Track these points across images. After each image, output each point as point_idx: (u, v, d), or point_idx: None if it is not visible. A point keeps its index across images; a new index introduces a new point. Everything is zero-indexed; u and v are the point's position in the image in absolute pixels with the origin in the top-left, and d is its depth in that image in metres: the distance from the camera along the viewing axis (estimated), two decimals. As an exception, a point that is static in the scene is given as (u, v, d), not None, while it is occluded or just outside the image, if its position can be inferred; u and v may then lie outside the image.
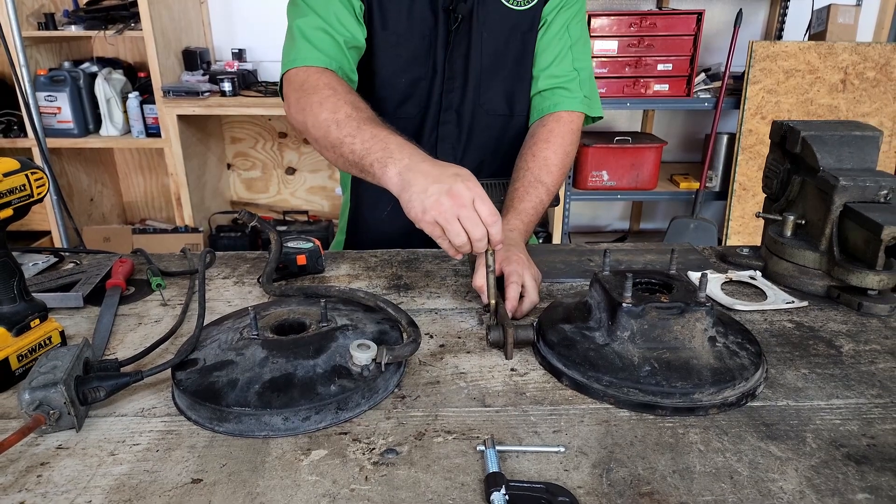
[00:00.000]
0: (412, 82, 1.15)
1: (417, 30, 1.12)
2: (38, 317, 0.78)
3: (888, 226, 0.82)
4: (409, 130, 1.14)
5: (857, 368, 0.76)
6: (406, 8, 1.10)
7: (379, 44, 1.13)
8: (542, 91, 1.17)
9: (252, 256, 1.14)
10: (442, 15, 1.11)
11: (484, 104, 1.18)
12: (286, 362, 0.70)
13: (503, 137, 1.21)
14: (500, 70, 1.16)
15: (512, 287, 0.86)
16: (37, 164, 0.77)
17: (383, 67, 1.14)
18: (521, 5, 1.13)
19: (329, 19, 1.06)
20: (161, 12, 2.77)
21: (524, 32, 1.14)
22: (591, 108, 1.18)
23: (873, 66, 2.64)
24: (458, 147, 1.20)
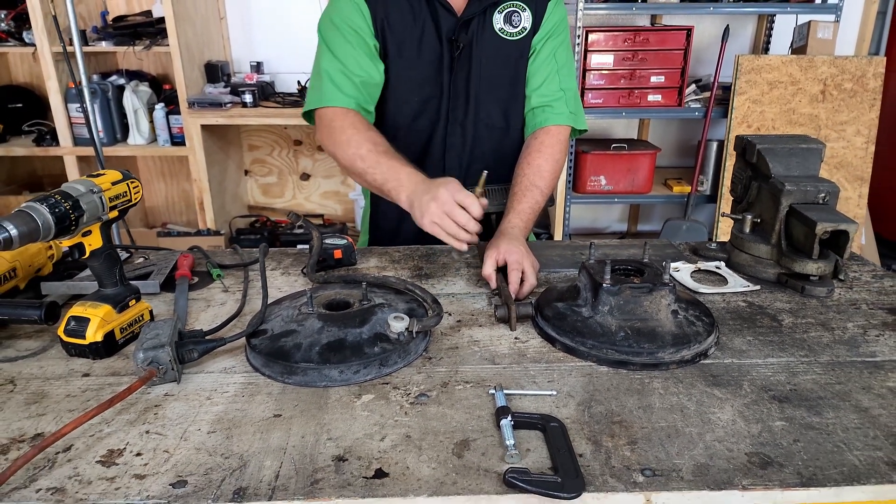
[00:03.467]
0: (424, 101, 1.34)
1: (427, 57, 1.31)
2: (133, 297, 0.97)
3: (821, 222, 1.00)
4: (421, 141, 1.35)
5: (792, 336, 0.95)
6: (417, 39, 1.30)
7: (395, 69, 1.32)
8: (534, 108, 1.35)
9: (293, 252, 1.34)
10: (447, 44, 1.30)
11: (483, 119, 1.36)
12: (338, 330, 0.89)
13: (502, 148, 1.40)
14: (496, 90, 1.35)
15: (513, 273, 1.05)
16: (133, 175, 0.96)
17: (399, 88, 1.34)
18: (513, 36, 1.32)
19: (348, 63, 1.27)
20: (186, 28, 2.97)
21: (516, 59, 1.33)
22: (577, 122, 1.37)
23: (850, 77, 2.83)
24: (463, 156, 1.39)
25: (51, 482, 0.66)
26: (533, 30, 1.32)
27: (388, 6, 1.28)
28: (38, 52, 2.92)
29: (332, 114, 1.26)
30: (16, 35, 3.05)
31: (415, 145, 1.37)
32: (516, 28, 1.31)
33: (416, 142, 1.37)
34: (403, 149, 1.27)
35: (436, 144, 1.37)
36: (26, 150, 3.15)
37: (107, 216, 0.89)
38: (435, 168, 1.37)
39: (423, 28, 1.29)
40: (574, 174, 3.16)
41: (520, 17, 1.30)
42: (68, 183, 0.86)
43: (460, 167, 1.38)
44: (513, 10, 1.30)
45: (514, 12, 1.30)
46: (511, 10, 1.30)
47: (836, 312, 1.03)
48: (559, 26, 1.34)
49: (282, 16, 3.36)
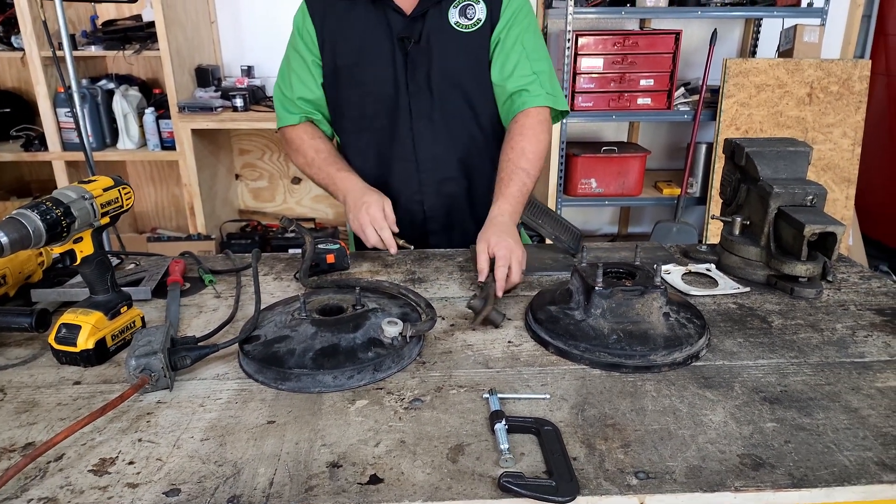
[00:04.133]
0: (382, 99, 1.37)
1: (379, 57, 1.34)
2: (125, 304, 0.96)
3: (809, 224, 1.02)
4: (389, 136, 1.40)
5: (782, 338, 0.96)
6: (367, 41, 1.34)
7: (349, 74, 1.37)
8: (511, 95, 1.36)
9: (285, 257, 1.33)
10: (397, 42, 1.33)
11: (451, 111, 1.37)
12: (332, 335, 0.89)
13: (473, 138, 1.41)
14: (458, 82, 1.36)
15: (500, 269, 1.06)
16: (125, 181, 0.96)
17: (357, 90, 1.38)
18: (468, 28, 1.34)
19: (288, 86, 1.42)
20: (176, 33, 2.96)
21: (475, 49, 1.35)
22: (556, 102, 1.37)
23: (836, 80, 2.86)
24: (437, 144, 1.39)
25: (42, 492, 0.65)
26: (490, 21, 1.34)
27: (335, 17, 1.35)
28: (27, 56, 2.90)
29: (288, 131, 1.46)
30: (4, 40, 3.03)
31: (383, 141, 1.41)
32: (471, 20, 1.33)
33: (384, 138, 1.41)
34: (374, 145, 1.42)
35: (404, 138, 1.39)
36: (14, 156, 3.12)
37: (98, 223, 0.89)
38: (408, 161, 1.40)
39: (372, 31, 1.34)
40: (565, 177, 3.18)
41: (474, 9, 1.33)
42: (59, 189, 0.85)
43: (434, 158, 1.40)
44: (467, 4, 1.33)
45: (469, 5, 1.33)
46: (465, 3, 1.33)
47: (825, 314, 1.04)
48: (520, 13, 1.35)
49: (272, 20, 3.35)
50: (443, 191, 1.43)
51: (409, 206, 1.43)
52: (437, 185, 1.42)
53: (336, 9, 1.36)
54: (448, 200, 1.44)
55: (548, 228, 1.23)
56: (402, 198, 1.42)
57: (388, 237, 1.22)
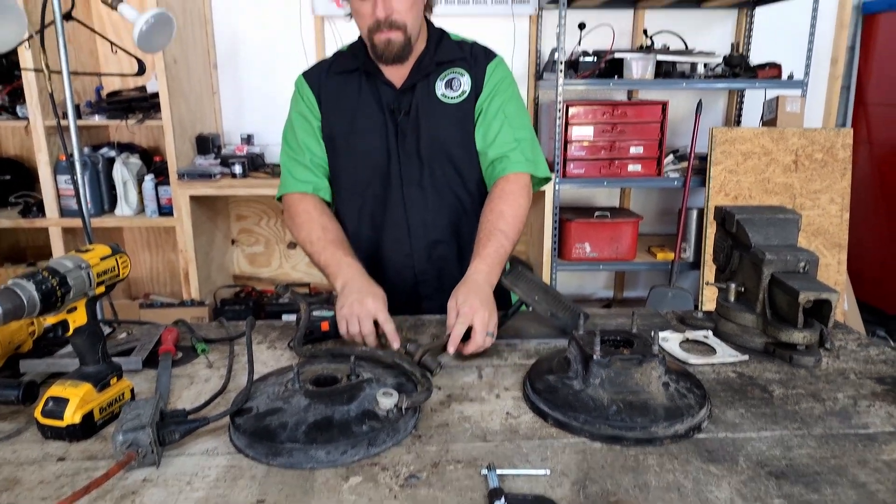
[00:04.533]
0: (374, 167, 1.41)
1: (371, 127, 1.39)
2: (115, 375, 0.94)
3: (803, 291, 1.02)
4: (380, 203, 1.43)
5: (784, 408, 0.94)
6: (360, 111, 1.39)
7: (343, 142, 1.41)
8: (493, 162, 1.40)
9: (279, 325, 1.32)
10: (389, 114, 1.38)
11: (440, 177, 1.41)
12: (325, 408, 0.87)
13: (462, 203, 1.44)
14: (446, 150, 1.40)
15: (458, 326, 1.07)
16: (122, 249, 0.96)
17: (350, 158, 1.42)
18: (454, 99, 1.39)
19: (297, 149, 1.43)
20: (180, 103, 3.05)
21: (461, 119, 1.40)
22: (537, 169, 1.41)
23: (820, 148, 2.95)
24: (426, 213, 1.42)
25: (18, 580, 0.62)
26: (474, 91, 1.39)
27: (331, 87, 1.41)
28: (31, 125, 2.96)
29: (291, 199, 1.43)
30: (9, 109, 3.10)
31: (376, 208, 1.44)
32: (457, 92, 1.39)
33: (376, 205, 1.44)
34: (368, 210, 1.43)
35: (395, 205, 1.42)
36: (11, 222, 3.13)
37: (93, 292, 0.88)
38: (400, 225, 1.42)
39: (365, 101, 1.39)
40: (559, 241, 3.21)
41: (459, 81, 1.39)
42: (56, 258, 0.85)
43: (424, 224, 1.43)
44: (452, 77, 1.39)
45: (454, 78, 1.39)
46: (451, 76, 1.39)
47: (826, 382, 1.03)
48: (502, 83, 1.41)
49: (272, 90, 3.46)
50: (433, 254, 1.44)
51: (401, 270, 1.45)
52: (428, 248, 1.44)
53: (331, 81, 1.42)
54: (439, 263, 1.45)
55: (543, 305, 1.22)
56: (393, 262, 1.44)
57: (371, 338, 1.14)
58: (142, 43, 1.64)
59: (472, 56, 1.41)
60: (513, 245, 1.29)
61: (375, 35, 1.29)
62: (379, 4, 1.25)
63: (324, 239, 1.33)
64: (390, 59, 1.33)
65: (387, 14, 1.26)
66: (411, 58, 1.36)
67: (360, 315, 1.13)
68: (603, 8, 3.32)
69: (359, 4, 1.29)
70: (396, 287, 1.40)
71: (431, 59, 1.39)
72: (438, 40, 1.41)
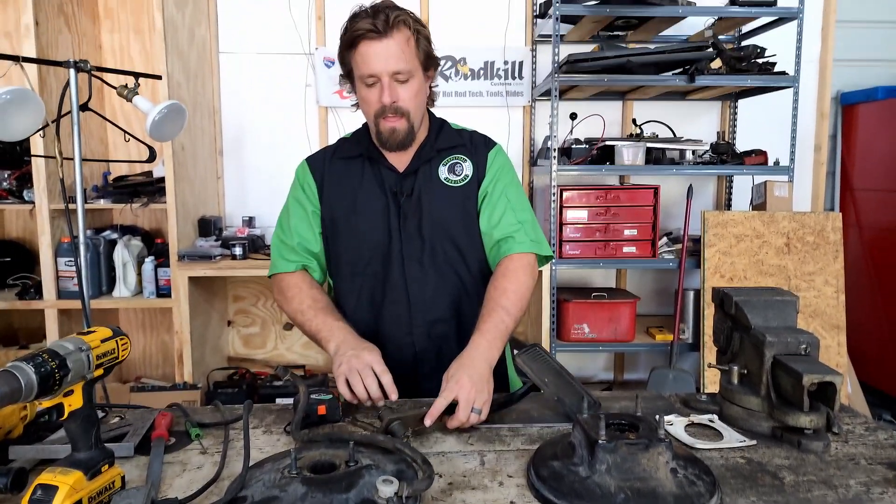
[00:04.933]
0: (375, 246, 1.45)
1: (373, 208, 1.44)
2: (107, 462, 0.91)
3: (807, 374, 1.02)
4: (380, 280, 1.45)
5: (797, 496, 0.91)
6: (362, 194, 1.45)
7: (345, 223, 1.46)
8: (497, 242, 1.44)
9: (275, 408, 1.30)
10: (391, 196, 1.44)
11: (440, 254, 1.44)
12: (323, 497, 0.84)
13: (466, 277, 1.47)
14: (447, 230, 1.44)
15: (438, 401, 1.11)
16: (123, 332, 0.96)
17: (349, 237, 1.46)
18: (457, 183, 1.45)
19: (288, 232, 1.49)
20: (184, 187, 3.12)
21: (463, 201, 1.45)
22: (540, 248, 1.45)
23: (811, 231, 3.01)
24: (427, 287, 1.44)
25: None
26: (476, 176, 1.46)
27: (334, 171, 1.48)
28: (36, 209, 3.02)
29: (281, 277, 1.49)
30: (16, 193, 3.17)
31: (376, 286, 1.46)
32: (459, 176, 1.46)
33: (376, 283, 1.46)
34: (367, 289, 1.45)
35: (396, 282, 1.44)
36: (7, 304, 3.12)
37: (91, 375, 0.87)
38: (400, 303, 1.44)
39: (368, 184, 1.45)
40: (558, 322, 3.20)
41: (462, 166, 1.46)
42: (57, 341, 0.85)
43: (425, 302, 1.44)
44: (455, 162, 1.46)
45: (457, 163, 1.46)
46: (453, 162, 1.46)
47: (836, 469, 1.01)
48: (503, 169, 1.48)
49: (274, 174, 3.55)
50: (433, 332, 1.44)
51: (400, 349, 1.44)
52: (428, 326, 1.44)
53: (334, 166, 1.49)
54: (438, 342, 1.45)
55: (551, 388, 1.20)
56: (393, 340, 1.44)
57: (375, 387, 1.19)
58: (154, 132, 1.71)
59: (473, 144, 1.49)
60: (515, 321, 1.31)
61: (381, 121, 1.37)
62: (385, 91, 1.33)
63: (314, 307, 1.38)
64: (394, 145, 1.40)
65: (392, 100, 1.34)
66: (413, 145, 1.44)
67: (359, 368, 1.16)
68: (593, 99, 3.49)
69: (366, 92, 1.36)
70: (395, 365, 1.36)
71: (433, 146, 1.46)
72: (439, 129, 1.50)
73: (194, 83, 3.25)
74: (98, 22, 3.43)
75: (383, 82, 1.33)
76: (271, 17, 3.45)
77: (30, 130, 1.56)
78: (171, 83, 2.95)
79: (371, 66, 1.32)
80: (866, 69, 3.79)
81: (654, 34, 3.38)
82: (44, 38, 2.94)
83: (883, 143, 3.59)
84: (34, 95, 1.55)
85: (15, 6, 3.21)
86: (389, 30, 1.30)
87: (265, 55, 3.50)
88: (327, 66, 3.44)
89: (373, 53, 1.31)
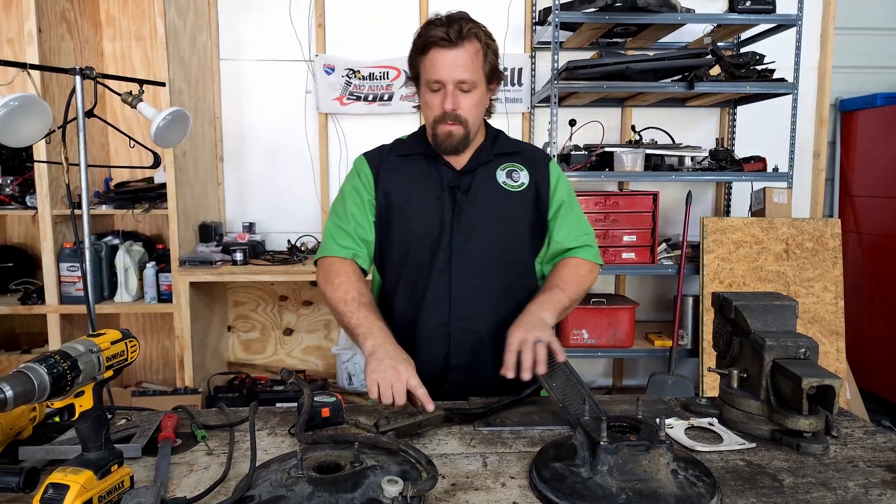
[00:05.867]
0: (423, 236, 1.48)
1: (426, 199, 1.49)
2: (116, 462, 0.93)
3: (806, 378, 1.03)
4: (423, 269, 1.47)
5: (796, 497, 0.93)
6: (419, 186, 1.49)
7: (394, 211, 1.49)
8: (567, 250, 1.52)
9: (280, 411, 1.31)
10: (448, 190, 1.47)
11: (488, 251, 1.47)
12: (329, 496, 0.85)
13: (513, 277, 1.51)
14: (502, 229, 1.49)
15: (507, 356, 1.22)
16: (133, 335, 0.97)
17: (400, 226, 1.49)
18: (514, 188, 1.50)
19: (344, 217, 1.51)
20: (185, 193, 3.14)
21: (517, 205, 1.50)
22: (597, 258, 1.56)
23: (810, 238, 3.03)
24: (471, 281, 1.46)
25: None
26: (533, 185, 1.51)
27: (391, 164, 1.52)
28: (39, 214, 3.03)
29: (330, 261, 1.48)
30: (19, 199, 3.18)
31: (420, 273, 1.48)
32: (516, 182, 1.51)
33: (421, 271, 1.48)
34: (411, 276, 1.48)
35: (441, 272, 1.46)
36: (9, 309, 3.13)
37: (102, 376, 0.89)
38: (442, 294, 1.46)
39: (424, 177, 1.50)
40: (557, 327, 3.21)
41: (518, 174, 1.52)
42: (68, 343, 0.86)
43: (466, 294, 1.46)
44: (512, 169, 1.52)
45: (514, 171, 1.52)
46: (511, 169, 1.52)
47: (835, 471, 1.02)
48: (564, 181, 1.56)
49: (274, 180, 3.58)
50: (470, 326, 1.46)
51: (436, 339, 1.46)
52: (466, 320, 1.46)
53: (391, 160, 1.54)
54: (474, 337, 1.47)
55: (557, 395, 1.21)
56: (429, 330, 1.47)
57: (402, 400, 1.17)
58: (158, 138, 1.73)
59: (530, 155, 1.56)
60: (570, 300, 1.43)
61: (439, 126, 1.43)
62: (448, 99, 1.39)
63: (358, 300, 1.38)
64: (448, 149, 1.46)
65: (453, 108, 1.40)
66: (469, 150, 1.50)
67: (394, 381, 1.17)
68: (592, 106, 3.52)
69: (430, 97, 1.43)
70: (428, 355, 1.44)
71: (489, 150, 1.52)
72: (496, 136, 1.57)
73: (195, 90, 3.28)
74: (100, 29, 3.45)
75: (447, 89, 1.39)
76: (272, 25, 3.48)
77: (36, 137, 1.58)
78: (173, 90, 2.97)
79: (438, 73, 1.38)
80: (865, 76, 3.82)
81: (652, 41, 3.41)
82: (46, 45, 2.96)
83: (882, 149, 3.62)
84: (41, 102, 1.56)
85: (18, 13, 3.24)
86: (461, 40, 1.36)
87: (266, 62, 3.53)
88: (327, 72, 3.46)
89: (441, 61, 1.37)
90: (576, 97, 3.31)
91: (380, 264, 1.56)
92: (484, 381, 1.41)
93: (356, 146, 3.51)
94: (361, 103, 3.48)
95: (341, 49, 3.50)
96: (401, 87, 3.40)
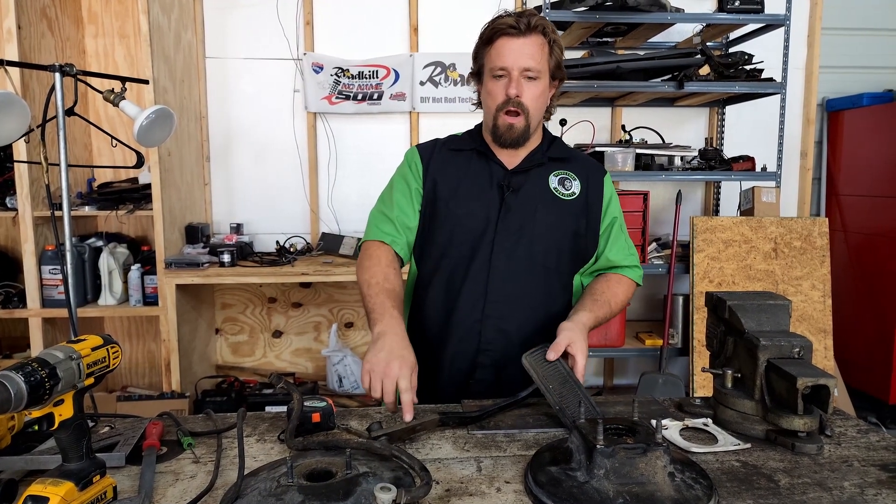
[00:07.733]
0: (467, 231, 1.47)
1: (475, 193, 1.48)
2: (98, 472, 0.90)
3: (801, 377, 1.02)
4: (462, 263, 1.47)
5: (792, 498, 0.92)
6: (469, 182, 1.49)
7: (441, 203, 1.48)
8: (611, 267, 1.54)
9: (268, 416, 1.28)
10: (497, 188, 1.47)
11: (530, 253, 1.46)
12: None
13: (553, 283, 1.50)
14: (547, 234, 1.47)
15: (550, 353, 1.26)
16: (115, 340, 0.94)
17: (445, 219, 1.48)
18: (565, 196, 1.49)
19: (389, 204, 1.52)
20: (171, 194, 3.09)
21: (566, 214, 1.49)
22: (640, 279, 1.59)
23: (798, 236, 3.04)
24: (508, 282, 1.45)
25: None
26: (584, 196, 1.51)
27: (442, 157, 1.53)
28: (20, 216, 2.97)
29: (368, 245, 1.51)
30: (-1, 200, 3.12)
31: (459, 267, 1.47)
32: (568, 191, 1.50)
33: (460, 265, 1.47)
34: (449, 270, 1.47)
35: (480, 268, 1.46)
36: (-10, 312, 3.07)
37: (82, 384, 0.86)
38: (478, 290, 1.45)
39: (474, 173, 1.50)
40: (548, 329, 3.20)
41: (571, 183, 1.51)
42: (46, 350, 0.83)
43: (503, 293, 1.45)
44: (565, 177, 1.51)
45: (566, 179, 1.51)
46: (563, 176, 1.51)
47: (830, 471, 1.01)
48: (615, 197, 1.56)
49: (262, 181, 3.54)
50: (502, 326, 1.45)
51: (467, 336, 1.45)
52: (499, 319, 1.45)
53: (442, 154, 1.54)
54: (504, 337, 1.45)
55: (554, 397, 1.19)
56: (462, 326, 1.45)
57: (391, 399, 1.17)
58: (142, 137, 1.69)
59: (585, 165, 1.56)
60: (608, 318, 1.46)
61: (500, 115, 1.43)
62: (512, 84, 1.40)
63: (381, 285, 1.37)
64: (508, 141, 1.45)
65: (517, 94, 1.40)
66: (524, 148, 1.49)
67: (384, 378, 1.16)
68: (582, 106, 3.51)
69: (493, 85, 1.43)
70: (458, 351, 1.44)
71: (544, 153, 1.52)
72: (552, 141, 1.56)
73: (181, 88, 3.23)
74: (82, 26, 3.39)
75: (512, 76, 1.39)
76: (259, 22, 3.44)
77: (15, 136, 1.54)
78: (157, 88, 2.93)
79: (504, 59, 1.39)
80: (852, 76, 3.86)
81: (642, 41, 3.41)
82: (26, 43, 2.90)
83: (868, 149, 3.65)
84: (19, 100, 1.52)
85: (-2, 10, 3.18)
86: (529, 31, 1.38)
87: (253, 60, 3.49)
88: (316, 71, 3.43)
89: (508, 48, 1.39)
90: (566, 96, 3.31)
91: (419, 254, 1.54)
92: (509, 384, 1.39)
93: (345, 145, 3.48)
94: (350, 102, 3.45)
95: (330, 47, 3.46)
96: (390, 86, 3.37)
